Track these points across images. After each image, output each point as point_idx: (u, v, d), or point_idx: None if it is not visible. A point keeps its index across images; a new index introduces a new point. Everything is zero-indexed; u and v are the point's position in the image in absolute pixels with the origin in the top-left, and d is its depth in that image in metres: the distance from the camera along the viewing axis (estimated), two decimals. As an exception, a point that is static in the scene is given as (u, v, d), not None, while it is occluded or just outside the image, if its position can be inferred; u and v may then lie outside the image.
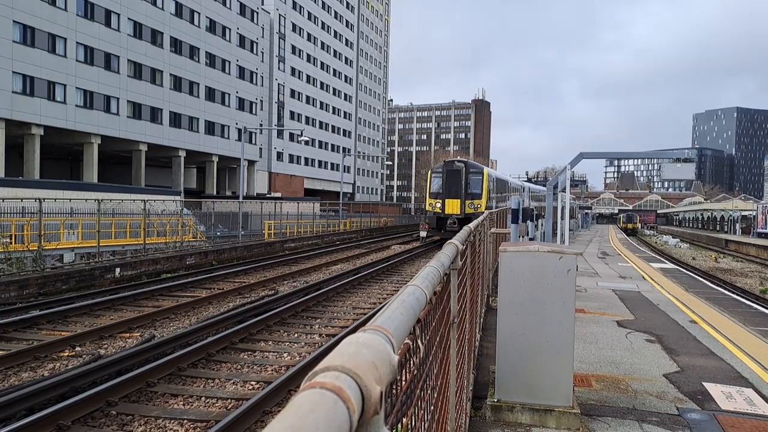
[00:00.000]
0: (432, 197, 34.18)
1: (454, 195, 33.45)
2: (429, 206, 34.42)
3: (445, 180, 33.84)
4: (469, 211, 32.46)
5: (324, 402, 0.67)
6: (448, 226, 32.19)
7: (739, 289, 24.02)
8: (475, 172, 34.30)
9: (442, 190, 33.76)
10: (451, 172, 33.96)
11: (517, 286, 5.98)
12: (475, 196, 33.43)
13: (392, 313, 1.26)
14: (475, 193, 33.61)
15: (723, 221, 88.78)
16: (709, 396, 6.84)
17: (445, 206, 33.44)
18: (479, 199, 33.20)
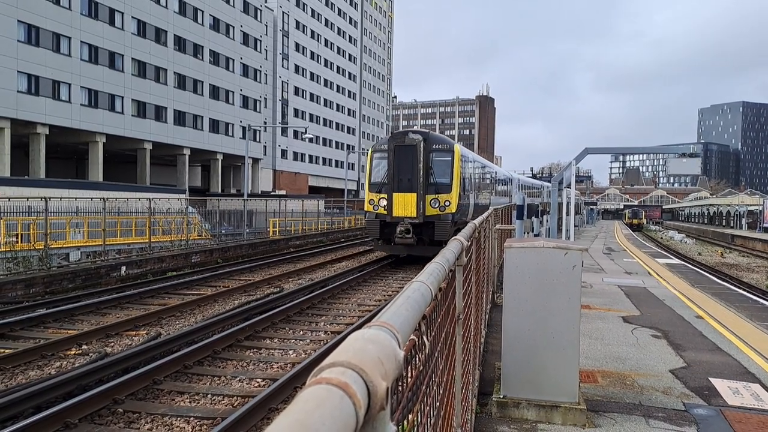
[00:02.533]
0: (373, 190, 21.54)
1: (407, 187, 20.66)
2: (368, 204, 21.66)
3: (394, 163, 20.83)
4: (431, 212, 20.67)
5: (330, 398, 0.67)
6: (398, 237, 20.40)
7: (745, 285, 23.94)
8: (441, 149, 21.38)
9: (389, 179, 20.98)
10: (403, 150, 20.81)
11: (523, 282, 5.97)
12: (442, 188, 20.99)
13: (398, 309, 1.26)
14: (441, 183, 21.04)
15: (729, 216, 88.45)
16: (716, 391, 6.82)
17: (392, 205, 20.72)
18: (447, 193, 20.88)
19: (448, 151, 21.43)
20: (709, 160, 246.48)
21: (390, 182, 20.92)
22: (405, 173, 20.71)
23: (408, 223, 20.42)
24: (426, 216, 20.62)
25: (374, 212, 21.39)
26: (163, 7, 55.15)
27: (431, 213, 20.70)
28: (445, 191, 20.94)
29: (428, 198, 20.74)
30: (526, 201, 34.67)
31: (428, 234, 20.70)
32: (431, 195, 20.81)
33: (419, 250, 20.76)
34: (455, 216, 20.91)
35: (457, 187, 21.16)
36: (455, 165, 21.23)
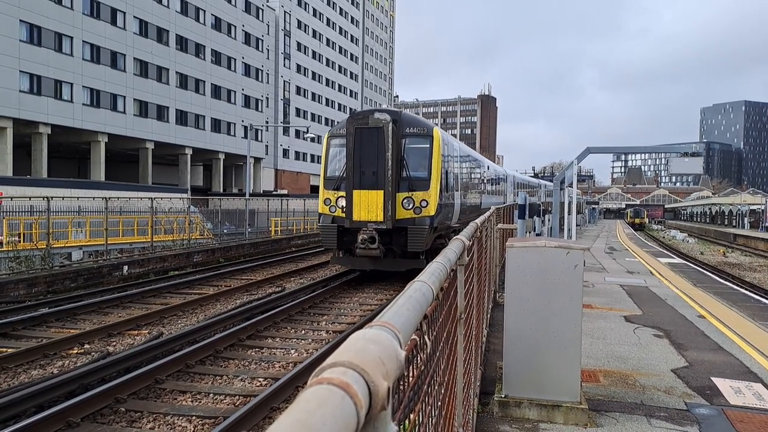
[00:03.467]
0: (329, 187, 16.92)
1: (371, 183, 15.91)
2: (323, 205, 16.99)
3: (354, 150, 16.07)
4: (404, 214, 16.06)
5: (331, 398, 0.67)
6: (360, 247, 15.69)
7: (747, 284, 23.91)
8: (416, 134, 16.70)
9: (348, 172, 16.15)
10: (365, 134, 15.98)
11: (525, 281, 5.97)
12: (417, 184, 16.29)
13: (399, 309, 1.26)
14: (416, 178, 16.39)
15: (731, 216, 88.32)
16: (718, 391, 6.82)
17: (352, 206, 16.04)
18: (425, 191, 16.20)
19: (425, 136, 16.53)
20: (711, 159, 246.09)
21: (349, 176, 15.83)
22: (369, 164, 15.68)
23: (373, 230, 15.45)
24: (397, 220, 15.78)
25: (330, 215, 16.57)
26: (165, 6, 55.18)
27: (403, 216, 15.87)
28: (421, 188, 16.02)
29: (400, 197, 15.94)
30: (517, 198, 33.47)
31: (400, 243, 15.88)
32: (404, 193, 15.98)
33: (388, 264, 16.25)
34: (435, 220, 16.03)
35: (438, 182, 16.26)
36: (435, 154, 16.37)
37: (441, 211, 16.59)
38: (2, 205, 22.92)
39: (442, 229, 17.54)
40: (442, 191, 16.67)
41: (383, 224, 15.62)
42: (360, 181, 15.87)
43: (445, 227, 17.96)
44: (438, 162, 16.47)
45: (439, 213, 16.42)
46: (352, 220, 15.89)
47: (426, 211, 15.98)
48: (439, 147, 16.58)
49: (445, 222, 17.64)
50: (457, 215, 19.22)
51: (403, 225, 15.90)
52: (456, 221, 19.18)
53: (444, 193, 17.01)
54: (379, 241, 15.54)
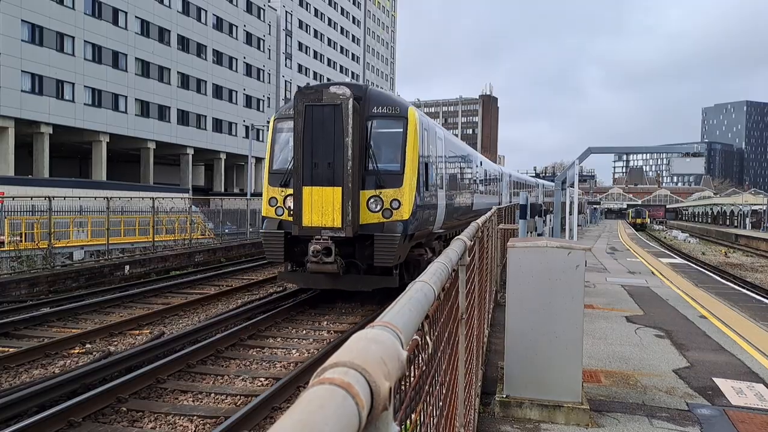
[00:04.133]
0: (274, 183, 13.63)
1: (326, 177, 12.50)
2: (266, 206, 13.70)
3: (304, 135, 12.60)
4: (369, 218, 12.84)
5: (333, 398, 0.67)
6: (312, 260, 12.29)
7: (749, 284, 23.89)
8: (386, 115, 13.34)
9: (296, 162, 12.72)
10: (319, 114, 12.51)
11: (526, 281, 5.96)
12: (387, 180, 12.98)
13: (401, 309, 1.26)
14: (386, 171, 13.04)
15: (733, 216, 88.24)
16: (719, 391, 6.81)
17: (301, 208, 12.61)
18: (396, 187, 12.91)
19: (397, 117, 13.01)
20: (712, 159, 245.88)
21: (298, 169, 12.35)
22: (323, 154, 12.22)
23: (328, 238, 12.05)
24: (360, 226, 12.48)
25: (276, 219, 13.15)
26: (167, 6, 55.23)
27: (369, 220, 12.59)
28: (392, 184, 12.67)
29: (364, 196, 12.64)
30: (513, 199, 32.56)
31: (364, 255, 12.68)
32: (370, 191, 12.66)
33: (349, 282, 12.77)
34: (410, 225, 12.69)
35: (414, 177, 12.94)
36: (410, 141, 12.94)
37: (418, 213, 13.19)
38: (4, 205, 22.95)
39: (421, 237, 14.10)
40: (419, 189, 13.28)
41: (341, 231, 12.10)
42: (312, 176, 12.28)
43: (425, 234, 14.47)
44: (414, 151, 13.00)
45: (416, 216, 13.00)
46: (302, 225, 12.30)
47: (398, 214, 12.52)
48: (415, 132, 13.08)
49: (425, 227, 14.15)
50: (441, 219, 15.75)
51: (369, 232, 12.48)
52: (440, 226, 15.80)
53: (423, 192, 13.56)
54: (337, 253, 12.07)
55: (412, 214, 12.76)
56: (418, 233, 13.56)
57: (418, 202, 13.23)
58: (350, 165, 12.12)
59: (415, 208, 12.97)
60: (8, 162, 40.50)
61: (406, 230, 12.55)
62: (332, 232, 12.18)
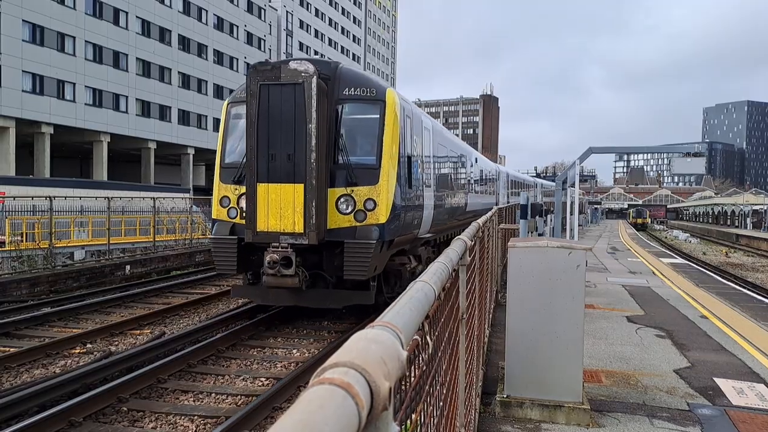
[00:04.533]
0: (227, 179, 11.56)
1: (285, 172, 10.40)
2: (217, 207, 11.59)
3: (259, 120, 10.44)
4: (338, 222, 10.80)
5: (333, 398, 0.67)
6: (269, 273, 10.26)
7: (750, 284, 23.87)
8: (359, 98, 11.27)
9: (249, 154, 10.61)
10: (276, 94, 10.40)
11: (526, 281, 5.96)
12: (361, 175, 10.92)
13: (401, 309, 1.26)
14: (358, 165, 11.02)
15: (734, 216, 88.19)
16: (720, 391, 6.81)
17: (256, 209, 10.52)
18: (371, 185, 10.80)
19: (373, 101, 11.11)
20: (713, 159, 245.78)
21: (251, 162, 10.43)
22: (281, 143, 10.30)
23: (288, 246, 10.19)
24: (328, 231, 10.64)
25: (228, 222, 11.23)
26: (168, 6, 55.24)
27: (339, 224, 10.68)
28: (367, 180, 10.75)
29: (333, 195, 10.73)
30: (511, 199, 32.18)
31: (332, 266, 10.84)
32: (339, 189, 10.76)
33: (314, 298, 10.94)
34: (388, 229, 10.74)
35: (393, 172, 10.99)
36: (389, 129, 10.99)
37: (399, 215, 11.22)
38: (5, 205, 22.97)
39: (403, 243, 12.09)
40: (400, 186, 11.31)
41: (303, 237, 10.14)
42: (268, 170, 10.30)
43: (409, 239, 12.44)
44: (394, 142, 11.01)
45: (396, 219, 11.06)
46: (256, 230, 10.32)
47: (373, 217, 10.52)
48: (395, 119, 11.07)
49: (409, 232, 12.19)
50: (428, 222, 13.68)
51: (338, 238, 10.50)
52: (427, 230, 13.77)
53: (405, 190, 11.62)
54: (300, 264, 10.24)
55: (390, 216, 10.69)
56: (399, 239, 11.50)
57: (399, 202, 11.23)
58: (314, 157, 10.07)
59: (395, 209, 10.95)
60: (9, 162, 40.52)
61: (383, 236, 10.51)
62: (293, 239, 10.20)
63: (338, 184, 10.78)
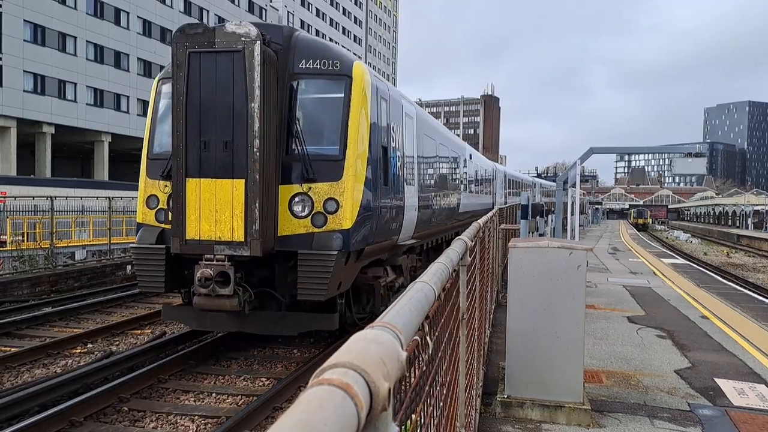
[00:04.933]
0: (154, 173, 9.32)
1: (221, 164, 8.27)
2: (143, 208, 9.30)
3: (188, 98, 8.29)
4: (290, 227, 8.66)
5: (332, 398, 0.67)
6: (201, 292, 8.13)
7: (751, 285, 23.85)
8: (318, 72, 9.05)
9: (177, 140, 8.36)
10: (210, 65, 8.26)
11: (527, 282, 5.96)
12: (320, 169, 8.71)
13: (401, 310, 1.26)
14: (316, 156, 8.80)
15: (735, 216, 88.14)
16: (721, 392, 6.80)
17: (185, 210, 8.32)
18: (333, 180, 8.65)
19: (336, 76, 9.11)
20: (715, 159, 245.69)
21: (179, 151, 8.44)
22: (217, 128, 8.37)
23: (225, 258, 8.24)
24: (280, 238, 8.68)
25: (156, 228, 9.14)
26: (169, 6, 55.30)
27: (293, 230, 8.71)
28: (327, 175, 8.74)
29: (286, 193, 8.77)
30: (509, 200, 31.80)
31: (285, 283, 8.89)
32: (294, 185, 8.80)
33: (261, 322, 9.00)
34: (354, 236, 8.74)
35: (362, 165, 9.02)
36: (356, 113, 8.99)
37: (370, 218, 9.14)
38: (6, 205, 22.99)
39: (377, 252, 9.93)
40: (372, 183, 9.26)
41: (244, 247, 8.07)
42: (199, 162, 8.25)
43: (385, 247, 10.28)
44: (363, 128, 8.97)
45: (366, 223, 8.97)
46: (185, 238, 8.24)
47: (335, 221, 8.48)
48: (365, 99, 9.04)
49: (385, 238, 10.04)
50: (410, 226, 11.68)
51: (291, 248, 8.45)
52: (410, 236, 11.79)
53: (378, 187, 9.54)
54: (241, 280, 8.25)
55: (358, 220, 8.62)
56: (371, 247, 9.33)
57: (371, 202, 9.14)
58: (258, 145, 7.99)
59: (365, 210, 8.85)
60: (10, 162, 40.57)
61: (347, 244, 8.43)
62: (231, 249, 8.09)
63: (292, 180, 8.71)
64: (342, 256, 8.37)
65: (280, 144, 8.75)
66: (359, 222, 8.70)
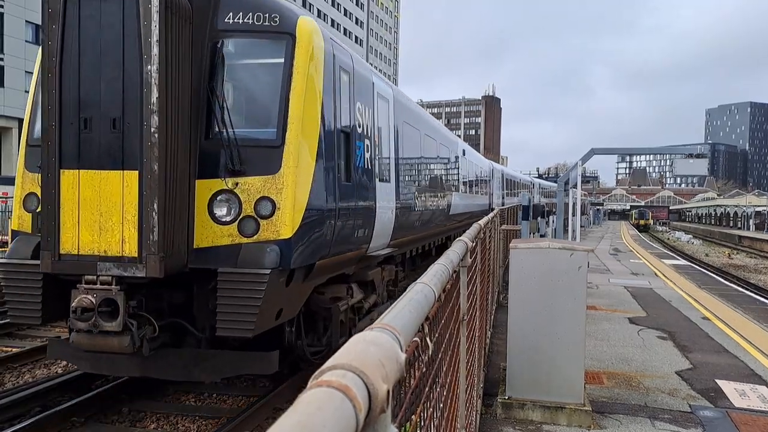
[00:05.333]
0: (32, 166, 6.70)
1: (106, 150, 5.97)
2: (20, 211, 6.73)
3: (63, 60, 5.95)
4: (211, 237, 6.33)
5: (331, 400, 0.67)
6: (79, 325, 5.86)
7: (753, 286, 23.83)
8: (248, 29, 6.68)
9: (46, 119, 5.97)
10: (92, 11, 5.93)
11: (528, 282, 5.97)
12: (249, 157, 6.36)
13: (400, 311, 1.27)
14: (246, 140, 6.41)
15: (736, 217, 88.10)
16: (722, 393, 6.80)
17: (58, 215, 5.97)
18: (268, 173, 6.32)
19: (273, 34, 6.81)
20: (716, 160, 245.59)
21: (50, 134, 6.07)
22: (100, 100, 6.07)
23: (111, 277, 5.96)
24: (197, 251, 6.43)
25: (35, 238, 6.50)
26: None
27: (212, 241, 6.42)
28: (260, 168, 6.45)
29: (205, 190, 6.48)
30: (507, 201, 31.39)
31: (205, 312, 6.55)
32: (214, 181, 6.48)
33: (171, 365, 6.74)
34: (298, 249, 6.39)
35: (307, 152, 6.69)
36: (301, 83, 6.66)
37: (323, 224, 6.95)
38: (7, 205, 23.04)
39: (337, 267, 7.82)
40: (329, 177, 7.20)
41: (138, 266, 6.00)
42: (78, 148, 6.15)
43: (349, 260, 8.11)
44: (308, 101, 6.75)
45: (317, 229, 6.82)
46: (59, 252, 6.13)
47: (270, 229, 6.35)
48: (315, 67, 6.93)
49: (349, 248, 7.91)
50: (386, 231, 9.48)
51: (211, 264, 6.30)
52: (385, 243, 9.54)
53: (336, 182, 7.36)
54: (137, 310, 6.24)
55: (304, 225, 6.43)
56: (326, 261, 7.09)
57: (324, 202, 6.94)
58: (158, 124, 5.87)
59: (314, 213, 6.67)
60: (12, 162, 40.68)
61: (287, 259, 6.23)
62: (120, 268, 5.98)
63: (213, 173, 6.41)
64: (280, 275, 6.11)
65: (197, 125, 6.49)
66: (305, 228, 6.42)
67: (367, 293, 9.15)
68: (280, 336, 7.13)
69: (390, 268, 10.48)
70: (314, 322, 7.85)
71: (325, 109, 7.04)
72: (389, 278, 10.47)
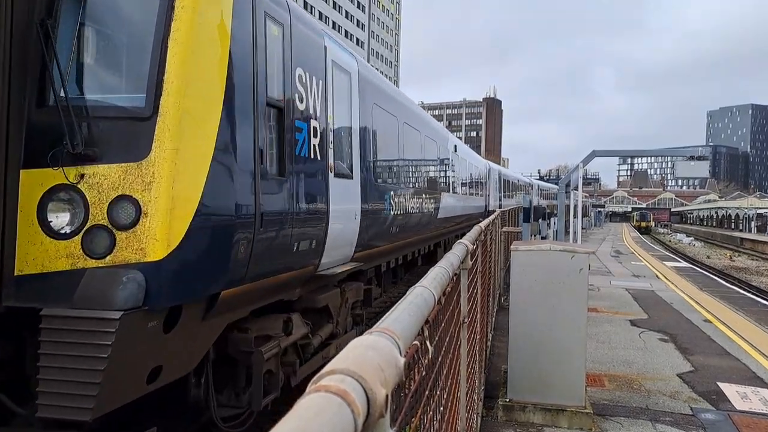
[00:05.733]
0: None
1: None
2: None
3: None
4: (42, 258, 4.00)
5: (329, 406, 0.67)
6: None
7: (754, 288, 23.80)
8: None
9: None
10: None
11: (529, 285, 5.96)
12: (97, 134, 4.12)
13: (399, 315, 1.26)
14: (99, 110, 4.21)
15: (738, 219, 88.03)
16: (724, 396, 6.78)
17: None
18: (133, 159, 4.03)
19: None
20: (717, 162, 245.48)
21: None
22: None
23: None
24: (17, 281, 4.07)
25: None
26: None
27: (42, 264, 4.07)
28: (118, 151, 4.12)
29: (35, 185, 4.16)
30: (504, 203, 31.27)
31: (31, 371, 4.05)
32: (48, 171, 4.11)
33: None
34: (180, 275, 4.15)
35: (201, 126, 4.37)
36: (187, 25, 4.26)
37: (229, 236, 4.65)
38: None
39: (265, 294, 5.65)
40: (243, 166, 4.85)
41: None
42: None
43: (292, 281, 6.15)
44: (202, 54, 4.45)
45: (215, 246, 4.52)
46: None
47: (131, 246, 4.02)
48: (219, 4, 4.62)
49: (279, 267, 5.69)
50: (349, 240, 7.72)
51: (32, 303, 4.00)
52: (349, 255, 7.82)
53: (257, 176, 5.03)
54: None
55: (191, 238, 4.23)
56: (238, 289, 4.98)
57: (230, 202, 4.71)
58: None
59: (212, 219, 4.51)
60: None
61: (158, 292, 4.05)
62: None
63: (46, 159, 4.19)
64: (146, 318, 4.03)
65: (23, 84, 4.28)
66: (194, 243, 4.27)
67: (318, 324, 7.01)
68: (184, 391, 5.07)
69: (356, 287, 8.38)
70: (232, 372, 5.55)
71: (236, 68, 4.80)
72: (355, 299, 8.43)
